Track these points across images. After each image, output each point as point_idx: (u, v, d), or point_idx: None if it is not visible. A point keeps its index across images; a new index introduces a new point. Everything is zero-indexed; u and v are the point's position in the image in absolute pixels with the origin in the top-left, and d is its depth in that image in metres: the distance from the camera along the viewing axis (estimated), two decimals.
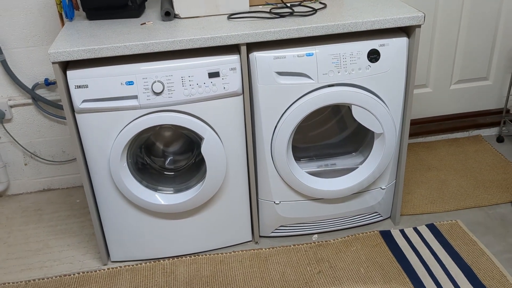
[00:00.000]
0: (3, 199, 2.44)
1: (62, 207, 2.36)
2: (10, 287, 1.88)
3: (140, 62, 1.63)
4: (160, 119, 1.67)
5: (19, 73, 2.19)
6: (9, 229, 2.22)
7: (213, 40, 1.60)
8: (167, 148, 1.99)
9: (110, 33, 1.67)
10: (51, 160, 2.42)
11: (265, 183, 1.87)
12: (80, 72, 1.60)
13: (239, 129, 1.76)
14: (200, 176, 1.85)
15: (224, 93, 1.68)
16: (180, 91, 1.64)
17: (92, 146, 1.71)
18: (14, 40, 2.12)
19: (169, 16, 1.75)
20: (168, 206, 1.81)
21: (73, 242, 2.11)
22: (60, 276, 1.92)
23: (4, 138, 2.33)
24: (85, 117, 1.66)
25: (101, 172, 1.76)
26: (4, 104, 2.23)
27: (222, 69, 1.65)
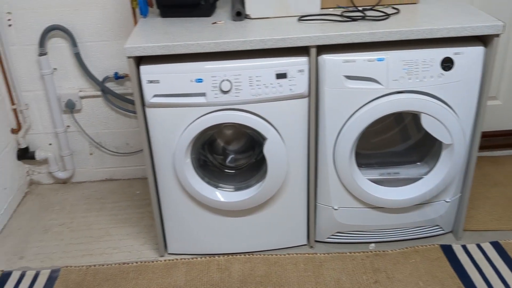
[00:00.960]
0: (67, 186, 2.55)
1: (123, 197, 2.44)
2: (72, 270, 1.96)
3: (207, 61, 1.65)
4: (226, 117, 1.69)
5: (90, 66, 2.28)
6: (73, 215, 2.31)
7: (283, 41, 1.60)
8: (229, 146, 2.01)
9: (183, 31, 1.71)
10: (115, 151, 2.51)
11: (325, 188, 1.85)
12: (152, 67, 1.65)
13: (302, 132, 1.75)
14: (260, 175, 1.86)
15: (290, 95, 1.68)
16: (247, 90, 1.66)
17: (158, 140, 1.75)
18: (89, 34, 2.22)
19: (240, 16, 1.77)
20: (227, 204, 1.83)
21: (132, 232, 2.18)
22: (119, 264, 1.99)
23: (73, 127, 2.43)
24: (154, 111, 1.70)
25: (165, 166, 1.80)
26: (75, 95, 2.33)
27: (290, 70, 1.65)
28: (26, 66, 2.27)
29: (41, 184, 2.56)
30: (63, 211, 2.34)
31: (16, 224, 2.27)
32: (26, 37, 2.21)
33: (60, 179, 2.54)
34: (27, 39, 2.21)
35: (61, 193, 2.49)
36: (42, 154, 2.43)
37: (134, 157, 2.53)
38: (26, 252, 2.08)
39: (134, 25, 2.18)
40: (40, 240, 2.15)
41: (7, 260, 2.04)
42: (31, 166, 2.52)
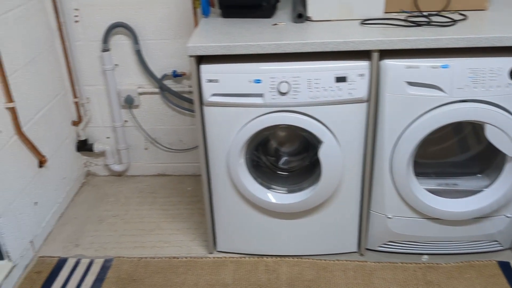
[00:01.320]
0: (122, 178, 2.63)
1: (174, 193, 2.48)
2: (124, 261, 2.02)
3: (265, 62, 1.66)
4: (282, 119, 1.69)
5: (150, 63, 2.34)
6: (127, 207, 2.38)
7: (345, 44, 1.59)
8: (282, 147, 2.01)
9: (244, 32, 1.72)
10: (169, 147, 2.56)
11: (379, 195, 1.82)
12: (212, 67, 1.67)
13: (359, 137, 1.73)
14: (313, 179, 1.85)
15: (349, 99, 1.65)
16: (305, 93, 1.65)
17: (214, 138, 1.77)
18: (150, 32, 2.27)
19: (301, 18, 1.77)
20: (279, 205, 1.83)
21: (182, 227, 2.21)
22: (169, 258, 2.02)
23: (130, 122, 2.50)
24: (212, 110, 1.73)
25: (218, 165, 1.82)
26: (134, 91, 2.40)
27: (350, 74, 1.63)
28: (89, 62, 2.36)
29: (97, 176, 2.65)
30: (117, 203, 2.42)
31: (73, 213, 2.36)
32: (91, 33, 2.29)
33: (115, 171, 2.62)
34: (92, 35, 2.29)
35: (116, 186, 2.56)
36: (100, 147, 2.51)
37: (187, 154, 2.57)
38: (81, 241, 2.16)
39: (195, 25, 2.21)
40: (95, 230, 2.23)
41: (64, 247, 2.13)
42: (89, 158, 2.61)
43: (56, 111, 2.29)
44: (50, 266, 2.01)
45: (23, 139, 1.98)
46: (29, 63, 2.05)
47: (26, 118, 2.03)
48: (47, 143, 2.20)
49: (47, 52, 2.21)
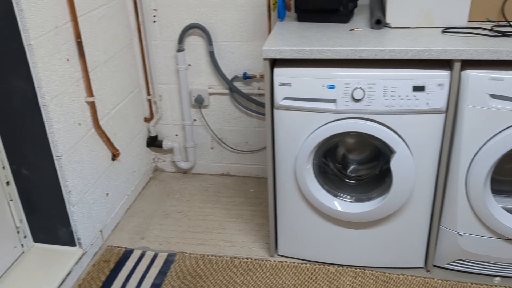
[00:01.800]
0: (187, 176, 2.69)
1: (237, 193, 2.51)
2: (187, 257, 2.06)
3: (339, 67, 1.63)
4: (354, 126, 1.66)
5: (222, 65, 2.38)
6: (191, 204, 2.43)
7: (425, 53, 1.53)
8: (351, 155, 1.97)
9: (319, 36, 1.71)
10: (234, 148, 2.59)
11: (451, 211, 1.74)
12: (286, 70, 1.67)
13: (434, 149, 1.66)
14: (382, 189, 1.80)
15: (426, 109, 1.60)
16: (380, 100, 1.61)
17: (282, 142, 1.77)
18: (224, 34, 2.31)
19: (379, 24, 1.73)
20: (345, 214, 1.80)
21: (244, 228, 2.23)
22: (230, 257, 2.04)
23: (199, 121, 2.55)
24: (282, 113, 1.72)
25: (285, 169, 1.81)
26: (205, 91, 2.45)
27: (428, 83, 1.57)
28: (164, 61, 2.43)
29: (164, 172, 2.73)
30: (182, 199, 2.47)
31: (140, 205, 2.44)
32: (168, 34, 2.36)
33: (181, 168, 2.69)
34: (168, 35, 2.37)
35: (182, 182, 2.62)
36: (169, 144, 2.59)
37: (251, 155, 2.59)
38: (147, 233, 2.23)
39: (268, 28, 2.23)
40: (160, 224, 2.29)
41: (130, 239, 2.20)
42: (157, 154, 2.69)
43: (130, 107, 2.38)
44: (117, 256, 2.09)
45: (100, 132, 2.07)
46: (108, 60, 2.15)
47: (103, 112, 2.12)
48: (120, 137, 2.30)
49: (126, 50, 2.30)
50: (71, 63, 1.86)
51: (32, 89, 1.71)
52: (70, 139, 1.88)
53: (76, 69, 1.90)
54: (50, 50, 1.73)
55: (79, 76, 1.92)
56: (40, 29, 1.67)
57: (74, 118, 1.90)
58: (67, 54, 1.83)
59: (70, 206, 1.94)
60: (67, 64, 1.84)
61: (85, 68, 1.93)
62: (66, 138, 1.86)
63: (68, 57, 1.84)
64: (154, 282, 1.94)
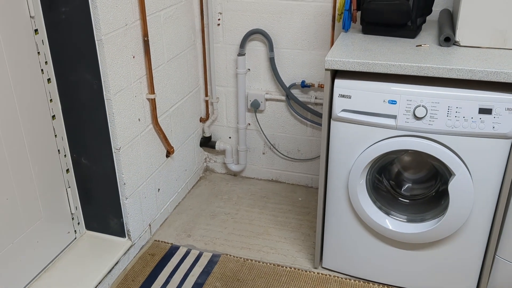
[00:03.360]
0: (237, 178, 2.71)
1: (285, 200, 2.50)
2: (231, 259, 2.07)
3: (402, 83, 1.60)
4: (414, 144, 1.62)
5: (281, 71, 2.38)
6: (238, 207, 2.45)
7: (496, 75, 1.47)
8: (407, 173, 1.92)
9: (384, 50, 1.67)
10: (286, 155, 2.58)
11: (509, 241, 1.66)
12: (347, 82, 1.65)
13: (496, 175, 1.59)
14: (437, 211, 1.74)
15: (491, 133, 1.53)
16: (443, 120, 1.56)
17: (336, 154, 1.75)
18: (286, 41, 2.31)
19: (448, 42, 1.68)
20: (396, 233, 1.75)
21: (289, 236, 2.22)
22: (273, 264, 2.04)
23: (253, 126, 2.57)
24: (339, 125, 1.70)
25: (337, 181, 1.79)
26: (262, 96, 2.46)
27: (496, 107, 1.51)
28: (225, 64, 2.47)
29: (215, 172, 2.76)
30: (230, 201, 2.49)
31: (189, 204, 2.48)
32: (230, 37, 2.39)
33: (232, 171, 2.71)
34: (231, 39, 2.40)
35: (231, 184, 2.65)
36: (222, 145, 2.62)
37: (303, 164, 2.57)
38: (193, 232, 2.26)
39: (331, 38, 2.21)
40: (207, 224, 2.32)
41: (177, 235, 2.24)
42: (210, 154, 2.73)
43: (188, 106, 2.43)
44: (163, 251, 2.13)
45: (157, 129, 2.13)
46: (172, 59, 2.20)
47: (162, 109, 2.18)
48: (176, 135, 2.35)
49: (189, 50, 2.35)
50: (136, 60, 1.92)
51: (98, 83, 1.78)
52: (129, 134, 1.94)
53: (140, 66, 1.96)
54: (118, 47, 1.80)
55: (142, 73, 1.98)
56: (111, 25, 1.74)
57: (135, 113, 1.96)
58: (133, 51, 1.90)
59: (123, 198, 2.00)
60: (133, 61, 1.90)
61: (149, 66, 1.99)
62: (125, 132, 1.92)
63: (134, 54, 1.90)
64: (196, 281, 1.96)
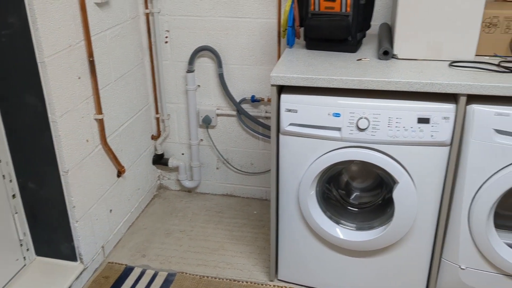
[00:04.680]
0: (191, 195, 2.70)
1: (240, 214, 2.51)
2: (187, 277, 2.06)
3: (345, 96, 1.65)
4: (358, 155, 1.67)
5: (230, 87, 2.41)
6: (193, 224, 2.44)
7: (431, 86, 1.55)
8: (355, 183, 1.98)
9: (326, 65, 1.73)
10: (239, 169, 2.60)
11: (453, 244, 1.73)
12: (292, 97, 1.69)
13: (437, 181, 1.66)
14: (384, 219, 1.80)
15: (430, 141, 1.61)
16: (385, 131, 1.62)
17: (286, 167, 1.78)
18: (234, 57, 2.34)
19: (387, 55, 1.75)
20: (346, 242, 1.79)
21: (245, 251, 2.23)
22: (230, 280, 2.04)
23: (205, 141, 2.57)
24: (287, 139, 1.74)
25: (289, 194, 1.82)
26: (213, 112, 2.47)
27: (433, 116, 1.58)
28: (174, 80, 2.47)
29: (169, 190, 2.74)
30: (185, 219, 2.48)
31: (143, 223, 2.45)
32: (179, 54, 2.40)
33: (186, 187, 2.70)
34: (179, 56, 2.40)
35: (185, 201, 2.64)
36: (175, 162, 2.61)
37: (256, 177, 2.60)
38: (148, 251, 2.24)
39: (278, 53, 2.26)
40: (161, 242, 2.30)
41: (131, 256, 2.21)
42: (163, 171, 2.71)
43: (138, 124, 2.41)
44: (117, 273, 2.09)
45: (107, 149, 2.10)
46: (119, 78, 2.19)
47: (111, 129, 2.15)
48: (126, 154, 2.32)
49: (136, 69, 2.34)
50: (82, 81, 1.90)
51: (42, 105, 1.74)
52: (77, 155, 1.91)
53: (87, 87, 1.93)
54: (62, 68, 1.77)
55: (89, 93, 1.95)
56: (54, 47, 1.71)
57: (82, 134, 1.93)
58: (79, 72, 1.87)
59: (73, 221, 1.95)
60: (78, 82, 1.88)
61: (95, 86, 1.97)
62: (73, 154, 1.88)
63: (79, 75, 1.88)
64: None
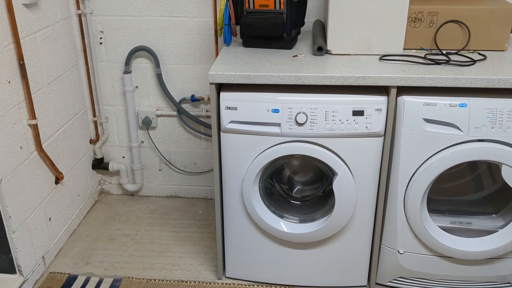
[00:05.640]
0: (134, 198, 2.65)
1: (185, 215, 2.49)
2: (133, 282, 2.02)
3: (283, 92, 1.69)
4: (298, 149, 1.71)
5: (169, 87, 2.39)
6: (138, 227, 2.39)
7: (363, 79, 1.61)
8: (296, 176, 2.02)
9: (264, 62, 1.75)
10: (183, 170, 2.58)
11: (391, 230, 1.81)
12: (232, 94, 1.70)
13: (373, 171, 1.73)
14: (326, 210, 1.85)
15: (365, 133, 1.67)
16: (322, 124, 1.67)
17: (229, 164, 1.79)
18: (172, 57, 2.32)
19: (321, 51, 1.80)
20: (290, 235, 1.83)
21: (192, 251, 2.22)
22: (177, 281, 2.02)
23: (146, 143, 2.53)
24: (229, 136, 1.75)
25: (232, 191, 1.83)
26: (153, 113, 2.44)
27: (367, 108, 1.65)
28: (111, 82, 2.41)
29: (111, 194, 2.68)
30: (129, 223, 2.43)
31: (84, 230, 2.38)
32: (114, 55, 2.35)
33: (128, 191, 2.65)
34: (115, 57, 2.35)
35: (128, 205, 2.58)
36: (115, 166, 2.55)
37: (200, 177, 2.59)
38: (91, 258, 2.17)
39: (215, 52, 2.26)
40: (105, 248, 2.24)
41: (74, 264, 2.14)
42: (103, 176, 2.64)
43: (75, 128, 2.33)
44: (60, 283, 2.02)
45: (42, 155, 2.02)
46: (53, 82, 2.11)
47: (46, 134, 2.07)
48: (64, 160, 2.24)
49: (71, 71, 2.27)
50: (12, 85, 1.82)
51: None
52: (10, 163, 1.82)
53: (18, 92, 1.85)
54: None
55: (21, 98, 1.87)
56: None
57: (15, 141, 1.85)
58: (8, 76, 1.79)
59: (10, 233, 1.86)
60: (9, 87, 1.79)
61: (27, 90, 1.89)
62: (6, 162, 1.80)
63: (9, 79, 1.79)
64: None
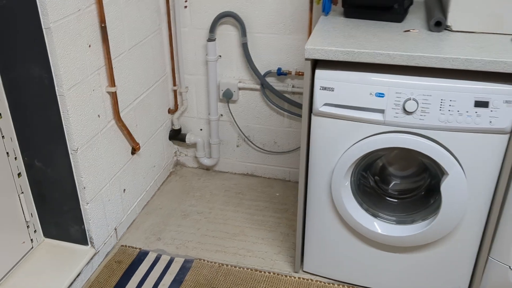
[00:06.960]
0: (210, 173, 2.53)
1: (262, 196, 2.34)
2: (204, 265, 1.91)
3: (390, 73, 1.44)
4: (403, 141, 1.47)
5: (255, 58, 2.20)
6: (212, 205, 2.28)
7: (495, 64, 1.33)
8: (396, 171, 1.77)
9: (370, 37, 1.51)
10: (261, 148, 2.42)
11: (504, 243, 1.55)
12: (329, 73, 1.48)
13: (492, 174, 1.46)
14: (427, 212, 1.61)
15: (488, 128, 1.40)
16: (435, 115, 1.41)
17: (319, 151, 1.59)
18: (260, 25, 2.12)
19: (439, 27, 1.52)
20: (385, 237, 1.62)
21: (267, 237, 2.07)
22: (251, 269, 1.89)
23: (226, 117, 2.39)
24: (321, 120, 1.54)
25: (319, 182, 1.64)
26: (234, 85, 2.27)
27: (494, 99, 1.37)
28: (193, 50, 2.26)
29: (186, 167, 2.58)
30: (203, 199, 2.32)
31: (158, 202, 2.30)
32: (199, 21, 2.19)
33: (204, 165, 2.53)
34: (199, 23, 2.19)
35: (203, 180, 2.47)
36: (192, 138, 2.43)
37: (279, 157, 2.42)
38: (164, 234, 2.09)
39: (309, 22, 2.03)
40: (178, 225, 2.15)
41: (146, 239, 2.07)
42: (180, 147, 2.54)
43: (154, 97, 2.22)
44: (131, 257, 1.96)
45: (120, 125, 1.92)
46: (134, 47, 1.99)
47: (125, 103, 1.97)
48: (141, 129, 2.14)
49: (153, 36, 2.14)
50: (93, 50, 1.71)
51: (49, 77, 1.56)
52: (87, 132, 1.74)
53: (98, 56, 1.74)
54: (71, 35, 1.58)
55: (101, 63, 1.77)
56: (61, 11, 1.52)
57: (93, 109, 1.76)
58: (89, 39, 1.68)
59: (83, 203, 1.80)
60: (89, 51, 1.69)
61: (108, 55, 1.78)
62: (83, 131, 1.71)
63: (90, 43, 1.69)
64: None
